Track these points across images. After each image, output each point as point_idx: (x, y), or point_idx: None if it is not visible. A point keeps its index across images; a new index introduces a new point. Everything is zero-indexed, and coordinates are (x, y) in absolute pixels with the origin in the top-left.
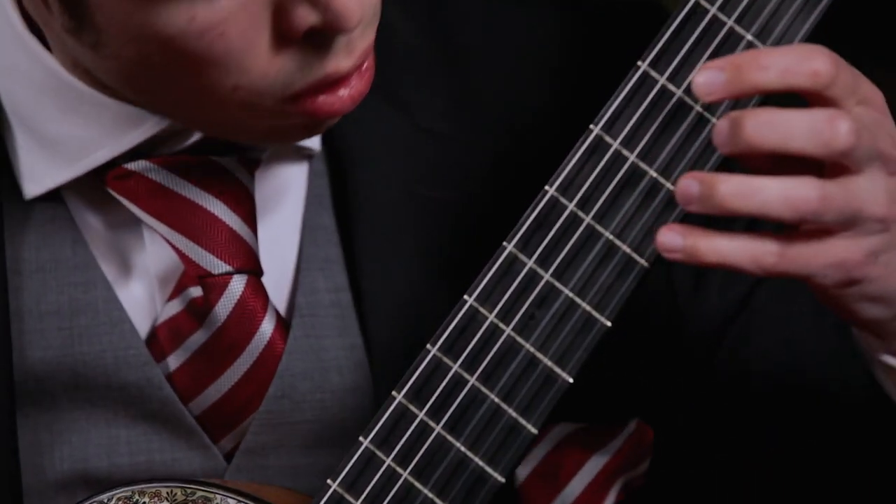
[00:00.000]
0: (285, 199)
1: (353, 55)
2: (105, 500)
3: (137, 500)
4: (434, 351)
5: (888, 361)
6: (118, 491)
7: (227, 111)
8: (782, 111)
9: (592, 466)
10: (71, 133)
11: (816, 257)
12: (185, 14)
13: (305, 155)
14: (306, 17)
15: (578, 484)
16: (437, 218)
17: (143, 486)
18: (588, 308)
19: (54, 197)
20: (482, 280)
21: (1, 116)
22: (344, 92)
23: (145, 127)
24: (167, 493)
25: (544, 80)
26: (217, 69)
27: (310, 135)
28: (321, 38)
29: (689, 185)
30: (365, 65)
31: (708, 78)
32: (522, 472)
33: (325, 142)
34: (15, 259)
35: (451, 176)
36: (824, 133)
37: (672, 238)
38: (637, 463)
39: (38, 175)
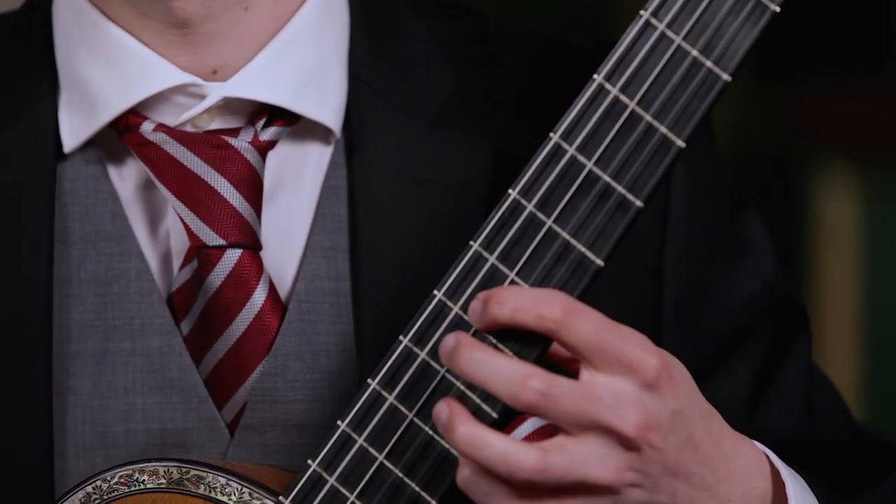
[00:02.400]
0: (301, 186)
1: None
2: (108, 478)
3: (137, 477)
4: (405, 341)
5: None
6: (120, 469)
7: None
8: (495, 355)
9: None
10: (101, 84)
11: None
12: None
13: (328, 141)
14: None
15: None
16: (440, 210)
17: (142, 464)
18: None
19: (96, 165)
20: (450, 276)
21: (58, 80)
22: None
23: (162, 80)
24: (164, 471)
25: (537, 95)
26: None
27: None
28: None
29: (441, 409)
30: None
31: (472, 307)
32: None
33: (344, 131)
34: (62, 229)
35: (455, 169)
36: (514, 386)
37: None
38: None
39: (76, 129)
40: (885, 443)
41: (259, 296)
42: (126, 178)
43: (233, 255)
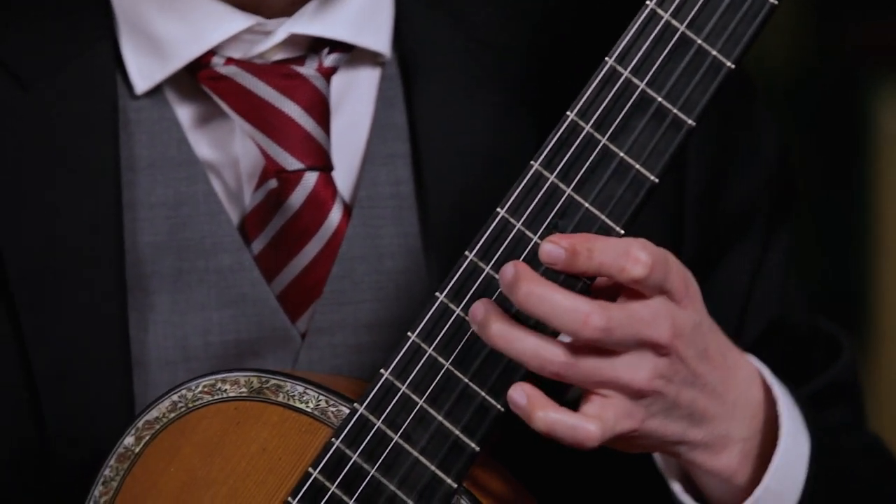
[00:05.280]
0: (357, 101)
1: None
2: (192, 387)
3: (220, 387)
4: (471, 256)
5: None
6: (204, 379)
7: None
8: (554, 291)
9: None
10: (169, 32)
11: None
12: None
13: (378, 62)
14: None
15: None
16: (493, 121)
17: (224, 374)
18: (605, 219)
19: (160, 98)
20: (512, 194)
21: (115, 24)
22: None
23: (231, 25)
24: (245, 380)
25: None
26: None
27: None
28: None
29: (476, 309)
30: None
31: (551, 250)
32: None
33: (395, 49)
34: (129, 157)
35: (505, 82)
36: (576, 324)
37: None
38: None
39: (145, 72)
40: (829, 335)
41: (335, 216)
42: (189, 108)
43: (310, 178)
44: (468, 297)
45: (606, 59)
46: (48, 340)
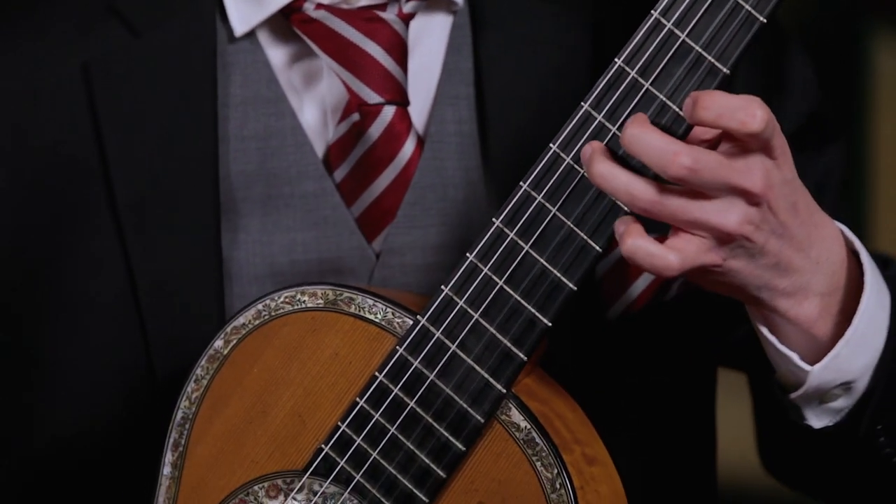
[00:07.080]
0: (431, 45)
1: None
2: (275, 297)
3: (299, 298)
4: (525, 186)
5: (762, 331)
6: (285, 291)
7: None
8: (650, 131)
9: None
10: None
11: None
12: None
13: (452, 10)
14: None
15: (642, 282)
16: (550, 70)
17: (304, 287)
18: None
19: (254, 41)
20: (564, 130)
21: None
22: None
23: None
24: (321, 293)
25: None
26: None
27: None
28: None
29: (585, 149)
30: None
31: (685, 104)
32: (601, 268)
33: (466, 1)
34: (224, 94)
35: (563, 36)
36: (665, 161)
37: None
38: None
39: (244, 17)
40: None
41: (408, 147)
42: (280, 49)
43: (388, 112)
44: (521, 223)
45: (652, 11)
46: (151, 258)
